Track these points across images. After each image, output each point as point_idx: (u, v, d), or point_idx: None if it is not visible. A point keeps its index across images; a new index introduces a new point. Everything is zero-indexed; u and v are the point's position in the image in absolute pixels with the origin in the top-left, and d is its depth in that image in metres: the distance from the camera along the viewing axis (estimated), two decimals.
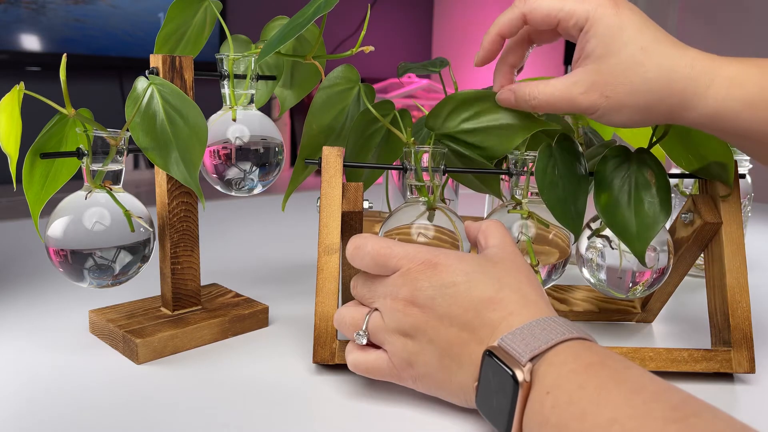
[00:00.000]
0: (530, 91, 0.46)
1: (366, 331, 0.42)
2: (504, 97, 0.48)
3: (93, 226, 0.45)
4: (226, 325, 0.53)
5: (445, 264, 0.41)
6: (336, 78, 0.53)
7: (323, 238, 0.47)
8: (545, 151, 0.48)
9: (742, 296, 0.49)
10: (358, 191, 0.49)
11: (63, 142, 0.47)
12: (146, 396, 0.43)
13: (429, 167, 0.49)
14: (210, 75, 0.52)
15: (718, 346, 0.51)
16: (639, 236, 0.47)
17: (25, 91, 0.44)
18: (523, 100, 0.47)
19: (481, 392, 0.37)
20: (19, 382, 0.45)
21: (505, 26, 0.47)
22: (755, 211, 1.22)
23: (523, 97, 0.47)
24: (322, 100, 0.53)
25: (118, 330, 0.49)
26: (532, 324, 0.37)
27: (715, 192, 0.51)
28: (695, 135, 0.50)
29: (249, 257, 0.79)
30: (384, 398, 0.44)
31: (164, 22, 0.50)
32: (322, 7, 0.45)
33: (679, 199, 0.76)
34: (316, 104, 0.53)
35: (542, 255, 0.50)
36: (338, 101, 0.53)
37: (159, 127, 0.47)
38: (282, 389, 0.45)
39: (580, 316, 0.60)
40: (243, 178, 0.52)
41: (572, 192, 0.48)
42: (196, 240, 0.53)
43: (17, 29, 2.14)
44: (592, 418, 0.31)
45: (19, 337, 0.52)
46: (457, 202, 0.78)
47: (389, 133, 0.54)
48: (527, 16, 0.45)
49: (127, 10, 2.34)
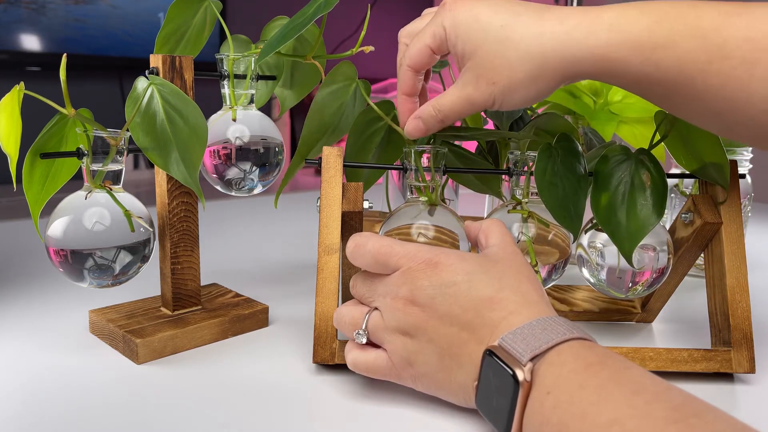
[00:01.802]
0: (432, 108, 0.46)
1: (366, 330, 0.42)
2: (412, 127, 0.48)
3: (93, 226, 0.45)
4: (226, 325, 0.53)
5: (445, 263, 0.41)
6: (335, 75, 0.53)
7: (323, 238, 0.47)
8: (545, 151, 0.48)
9: (742, 296, 0.49)
10: (358, 191, 0.49)
11: (63, 142, 0.47)
12: (146, 396, 0.43)
13: (431, 167, 0.49)
14: (210, 75, 0.52)
15: (718, 346, 0.51)
16: (628, 237, 0.47)
17: (25, 91, 0.44)
18: (430, 119, 0.47)
19: (481, 392, 0.37)
20: (19, 382, 0.45)
21: (404, 86, 0.48)
22: (755, 211, 1.22)
23: (429, 118, 0.47)
24: (322, 97, 0.53)
25: (118, 330, 0.49)
26: (532, 324, 0.37)
27: (715, 194, 0.51)
28: (693, 136, 0.50)
29: (249, 257, 0.79)
30: (384, 398, 0.44)
31: (164, 22, 0.50)
32: (322, 7, 0.45)
33: (679, 199, 0.76)
34: (317, 101, 0.53)
35: (542, 255, 0.50)
36: (337, 97, 0.53)
37: (159, 127, 0.47)
38: (282, 389, 0.45)
39: (580, 316, 0.60)
40: (243, 178, 0.52)
41: (572, 192, 0.48)
42: (196, 240, 0.53)
43: (17, 29, 2.14)
44: (592, 418, 0.31)
45: (19, 337, 0.52)
46: (457, 202, 0.78)
47: (389, 133, 0.54)
48: (412, 67, 0.47)
49: (127, 10, 2.34)
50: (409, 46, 0.46)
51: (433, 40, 0.45)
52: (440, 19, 0.44)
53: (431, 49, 0.45)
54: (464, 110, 0.45)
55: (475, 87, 0.44)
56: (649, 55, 0.40)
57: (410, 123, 0.48)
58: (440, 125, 0.47)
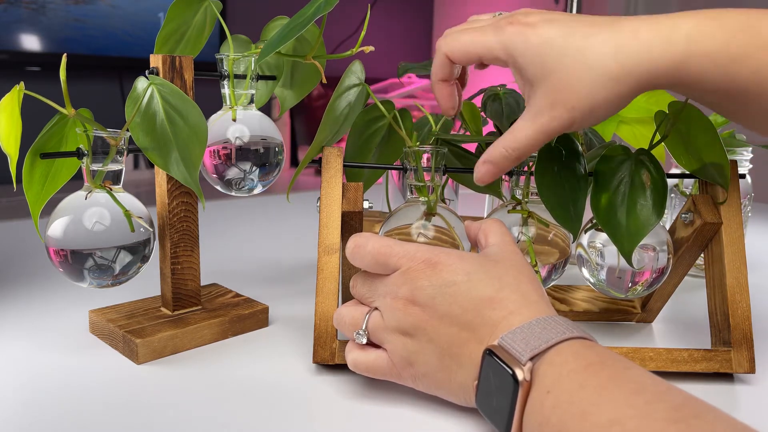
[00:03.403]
0: (504, 148, 0.43)
1: (366, 330, 0.42)
2: (483, 173, 0.45)
3: (93, 226, 0.45)
4: (226, 325, 0.53)
5: (445, 263, 0.41)
6: (350, 72, 0.52)
7: (323, 238, 0.47)
8: (545, 151, 0.48)
9: (742, 296, 0.49)
10: (358, 191, 0.49)
11: (63, 142, 0.47)
12: (146, 396, 0.43)
13: (431, 167, 0.49)
14: (210, 75, 0.52)
15: (718, 346, 0.51)
16: (628, 237, 0.47)
17: (25, 91, 0.44)
18: (503, 161, 0.44)
19: (481, 391, 0.37)
20: (19, 382, 0.45)
21: (439, 72, 0.46)
22: (755, 211, 1.22)
23: (501, 160, 0.44)
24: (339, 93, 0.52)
25: (118, 330, 0.49)
26: (532, 323, 0.37)
27: (715, 194, 0.51)
28: (694, 136, 0.50)
29: (249, 257, 0.79)
30: (384, 398, 0.44)
31: (164, 22, 0.50)
32: (322, 7, 0.45)
33: (679, 199, 0.76)
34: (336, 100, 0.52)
35: (542, 255, 0.50)
36: (346, 96, 0.53)
37: (159, 127, 0.47)
38: (282, 389, 0.45)
39: (580, 316, 0.60)
40: (243, 178, 0.52)
41: (572, 192, 0.48)
42: (196, 240, 0.53)
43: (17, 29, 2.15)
44: (592, 418, 0.31)
45: (19, 337, 0.52)
46: (457, 202, 0.78)
47: (390, 133, 0.54)
48: (449, 56, 0.45)
49: (127, 10, 2.34)
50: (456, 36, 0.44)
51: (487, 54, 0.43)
52: (504, 35, 0.42)
53: (481, 59, 0.44)
54: (540, 142, 0.43)
55: (550, 115, 0.42)
56: (725, 68, 0.39)
57: (480, 170, 0.45)
58: (515, 164, 0.44)
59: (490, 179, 0.45)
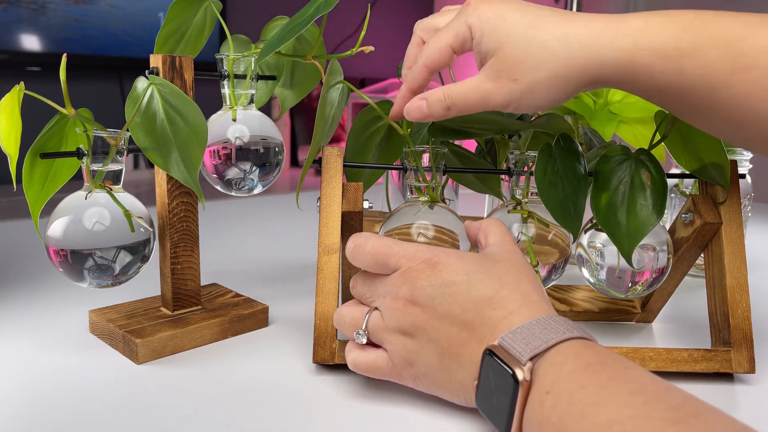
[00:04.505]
0: (442, 93, 0.44)
1: (366, 330, 0.42)
2: (414, 107, 0.45)
3: (93, 226, 0.45)
4: (226, 325, 0.53)
5: (445, 263, 0.41)
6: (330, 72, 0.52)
7: (323, 238, 0.47)
8: (545, 151, 0.48)
9: (742, 296, 0.49)
10: (358, 191, 0.49)
11: (63, 142, 0.47)
12: (146, 396, 0.43)
13: (431, 167, 0.49)
14: (210, 75, 0.52)
15: (718, 346, 0.51)
16: (628, 237, 0.47)
17: (25, 91, 0.44)
18: (436, 103, 0.44)
19: (481, 391, 0.37)
20: (19, 382, 0.45)
21: (417, 84, 0.46)
22: (755, 211, 1.22)
23: (435, 102, 0.44)
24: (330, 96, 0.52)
25: (118, 330, 0.49)
26: (532, 323, 0.37)
27: (715, 194, 0.51)
28: (694, 136, 0.50)
29: (249, 257, 0.79)
30: (384, 398, 0.44)
31: (164, 22, 0.50)
32: (322, 7, 0.45)
33: (679, 199, 0.76)
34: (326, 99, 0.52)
35: (542, 255, 0.50)
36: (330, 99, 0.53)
37: (159, 127, 0.47)
38: (282, 389, 0.45)
39: (580, 316, 0.60)
40: (243, 178, 0.52)
41: (572, 192, 0.48)
42: (196, 240, 0.53)
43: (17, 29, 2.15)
44: (592, 418, 0.31)
45: (19, 337, 0.52)
46: (457, 202, 0.78)
47: (389, 133, 0.54)
48: (428, 67, 0.45)
49: (127, 10, 2.34)
50: (428, 45, 0.45)
51: (456, 40, 0.44)
52: (464, 17, 0.43)
53: (453, 48, 0.44)
54: (476, 104, 0.43)
55: (494, 83, 0.42)
56: (674, 62, 0.39)
57: (413, 102, 0.45)
58: (444, 114, 0.45)
59: (418, 116, 0.45)
